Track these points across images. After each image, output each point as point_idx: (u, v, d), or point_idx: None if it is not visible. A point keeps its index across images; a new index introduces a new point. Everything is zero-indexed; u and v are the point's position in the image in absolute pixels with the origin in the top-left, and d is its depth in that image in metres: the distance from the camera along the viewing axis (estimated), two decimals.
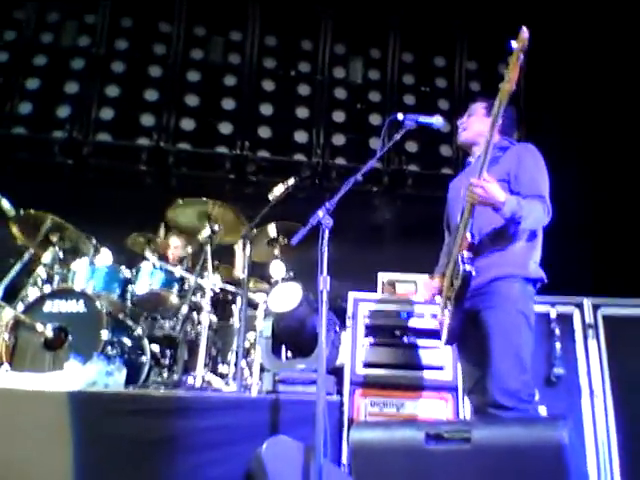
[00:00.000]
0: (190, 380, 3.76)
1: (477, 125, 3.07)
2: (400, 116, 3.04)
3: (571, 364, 3.67)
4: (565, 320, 3.76)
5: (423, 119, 3.05)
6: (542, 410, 3.29)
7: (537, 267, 2.87)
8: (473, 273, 2.61)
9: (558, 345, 3.65)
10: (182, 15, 6.59)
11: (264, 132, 6.37)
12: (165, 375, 4.14)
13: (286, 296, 3.75)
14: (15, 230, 4.39)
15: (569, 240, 5.18)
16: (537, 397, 2.95)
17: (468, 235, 2.70)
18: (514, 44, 2.48)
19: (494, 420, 2.47)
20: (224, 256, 4.61)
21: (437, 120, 3.06)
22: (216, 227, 4.26)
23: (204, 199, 4.23)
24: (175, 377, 3.91)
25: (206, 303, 3.99)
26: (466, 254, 2.68)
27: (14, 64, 6.17)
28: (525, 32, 2.47)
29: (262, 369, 3.87)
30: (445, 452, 2.04)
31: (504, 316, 2.72)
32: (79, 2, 6.36)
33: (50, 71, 6.22)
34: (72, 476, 2.84)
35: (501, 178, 2.83)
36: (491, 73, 6.65)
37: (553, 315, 3.73)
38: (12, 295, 4.11)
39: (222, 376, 4.07)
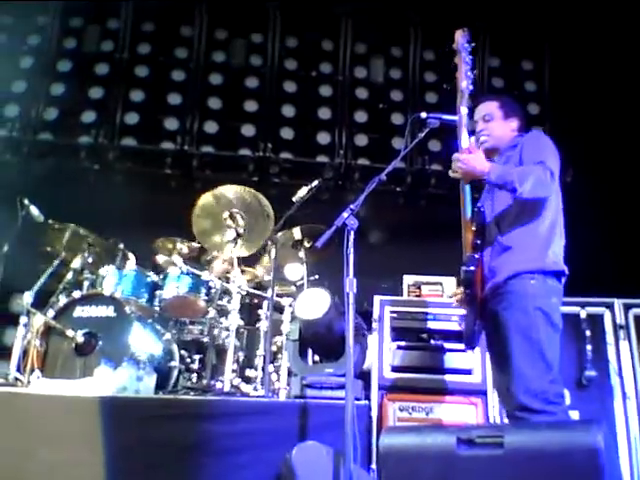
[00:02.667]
0: (219, 385, 3.78)
1: (498, 130, 3.00)
2: (423, 115, 3.02)
3: (602, 366, 3.61)
4: (596, 321, 3.70)
5: (447, 117, 3.01)
6: (573, 414, 3.26)
7: (557, 259, 2.75)
8: (472, 269, 2.62)
9: (589, 347, 3.60)
10: (203, 18, 6.63)
11: (286, 133, 6.40)
12: (194, 380, 4.17)
13: (313, 302, 3.75)
14: (44, 236, 4.44)
15: (599, 240, 5.12)
16: (568, 400, 2.92)
17: (470, 234, 2.69)
18: (453, 46, 2.86)
19: (526, 424, 2.43)
20: (249, 260, 4.63)
21: None
22: (241, 230, 4.27)
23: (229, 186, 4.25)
24: (204, 382, 3.94)
25: (233, 307, 4.01)
26: (469, 254, 2.68)
27: (39, 70, 6.26)
28: (458, 36, 2.86)
29: (290, 373, 3.89)
30: (477, 457, 2.03)
31: (521, 315, 2.64)
32: (101, 7, 6.40)
33: (75, 76, 6.30)
34: None
35: None
36: (514, 70, 6.60)
37: (583, 316, 3.68)
38: (43, 301, 4.17)
39: (250, 381, 4.09)
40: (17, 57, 6.24)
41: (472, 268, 2.67)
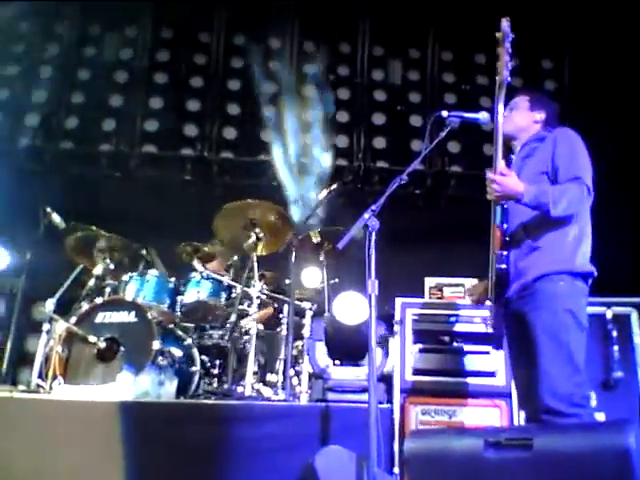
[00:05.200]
0: (240, 389, 3.78)
1: (518, 118, 2.99)
2: (444, 113, 2.97)
3: (630, 367, 3.53)
4: (622, 321, 3.62)
5: (469, 115, 2.98)
6: (600, 416, 3.20)
7: (585, 260, 2.73)
8: (504, 267, 2.59)
9: (615, 348, 3.52)
10: (221, 25, 6.66)
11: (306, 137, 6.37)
12: (215, 384, 4.17)
13: (352, 306, 3.75)
14: (66, 243, 4.47)
15: (624, 239, 5.03)
16: (594, 402, 2.86)
17: (499, 233, 2.65)
18: (497, 35, 2.75)
19: (555, 426, 2.38)
20: (269, 264, 4.62)
21: (483, 116, 2.96)
22: (261, 234, 4.27)
23: (249, 201, 4.24)
24: (225, 386, 3.93)
25: (253, 311, 4.00)
26: (499, 252, 2.64)
27: (58, 79, 6.33)
28: (504, 23, 2.75)
29: (311, 377, 3.87)
30: (505, 460, 1.98)
31: (550, 316, 2.60)
32: (119, 15, 6.46)
33: (94, 85, 6.35)
34: None
35: (539, 170, 2.78)
36: (534, 69, 6.53)
37: (609, 316, 3.61)
38: (65, 308, 4.20)
39: (271, 385, 4.08)
40: (37, 66, 6.31)
41: (504, 266, 2.64)
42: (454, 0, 6.48)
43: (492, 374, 3.62)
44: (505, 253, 2.67)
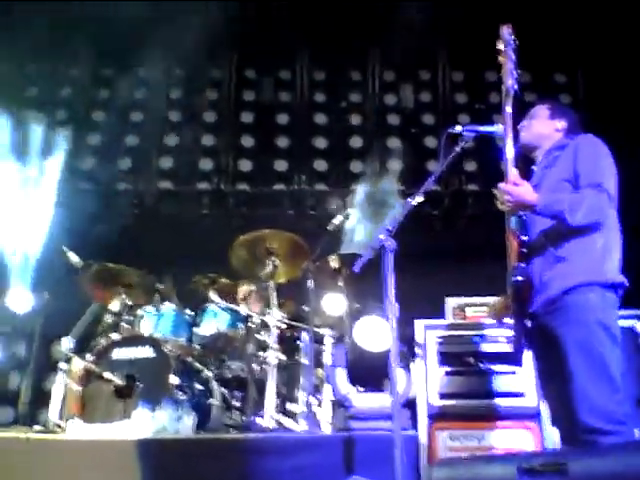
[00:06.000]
0: (259, 420, 3.68)
1: (539, 127, 2.92)
2: (459, 128, 2.92)
3: None
4: None
5: (484, 128, 2.92)
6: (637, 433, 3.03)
7: (615, 270, 2.59)
8: (520, 279, 2.52)
9: None
10: (233, 59, 6.75)
11: (320, 165, 6.40)
12: (235, 417, 4.07)
13: (374, 332, 3.67)
14: (83, 281, 4.47)
15: None
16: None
17: (516, 244, 2.56)
18: (498, 44, 2.78)
19: (591, 449, 2.24)
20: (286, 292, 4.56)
21: (498, 128, 2.90)
22: (277, 262, 4.22)
23: (266, 231, 4.21)
24: (245, 418, 3.84)
25: (272, 341, 3.93)
26: (517, 264, 2.55)
27: (73, 120, 6.44)
28: (504, 30, 2.79)
29: (333, 405, 3.77)
30: None
31: (582, 331, 2.48)
32: (130, 55, 6.57)
33: (110, 125, 6.45)
34: None
35: (561, 178, 2.68)
36: (544, 83, 6.49)
37: (639, 329, 3.46)
38: (83, 346, 4.17)
39: (292, 415, 3.97)
40: None
41: (520, 278, 2.54)
42: (463, 20, 6.47)
43: (521, 394, 3.48)
44: (523, 265, 2.57)
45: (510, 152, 2.70)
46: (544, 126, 2.91)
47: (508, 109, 2.73)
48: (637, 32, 5.80)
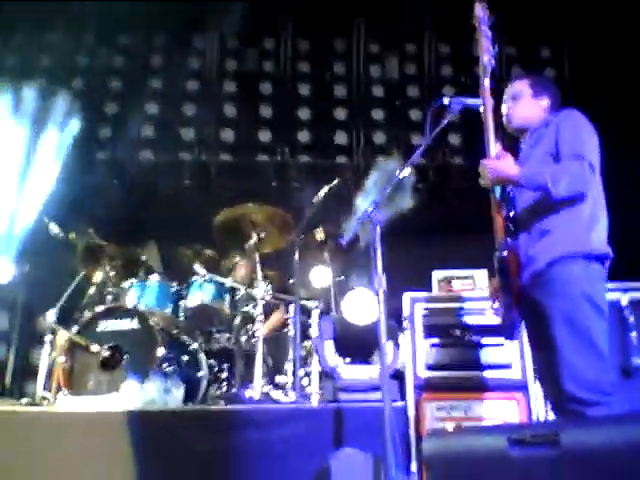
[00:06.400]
0: (248, 393, 3.69)
1: (525, 109, 2.89)
2: (446, 100, 2.90)
3: None
4: (639, 307, 3.52)
5: (471, 101, 2.89)
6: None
7: (600, 241, 2.60)
8: (505, 255, 2.53)
9: (633, 334, 3.41)
10: (215, 28, 6.61)
11: (303, 137, 6.33)
12: (224, 389, 4.08)
13: (361, 304, 3.67)
14: (65, 253, 4.40)
15: (633, 222, 4.94)
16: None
17: (500, 220, 2.58)
18: (473, 21, 2.79)
19: (582, 419, 2.27)
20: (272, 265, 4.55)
21: None
22: (262, 234, 4.19)
23: (249, 205, 4.16)
24: (233, 390, 3.85)
25: (258, 313, 3.92)
26: (502, 239, 2.56)
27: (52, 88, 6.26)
28: (477, 7, 2.80)
29: (321, 377, 3.78)
30: (531, 458, 1.87)
31: (567, 303, 2.49)
32: (111, 24, 6.40)
33: (89, 93, 6.30)
34: None
35: (544, 152, 2.69)
36: (529, 57, 6.48)
37: (624, 302, 3.49)
38: (67, 318, 4.12)
39: (280, 386, 3.99)
40: None
41: (505, 253, 2.55)
42: None
43: (507, 366, 3.51)
44: (509, 240, 2.58)
45: (491, 126, 2.70)
46: (530, 107, 2.88)
47: (486, 83, 2.74)
48: (622, 5, 5.79)
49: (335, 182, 4.26)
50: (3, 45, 6.29)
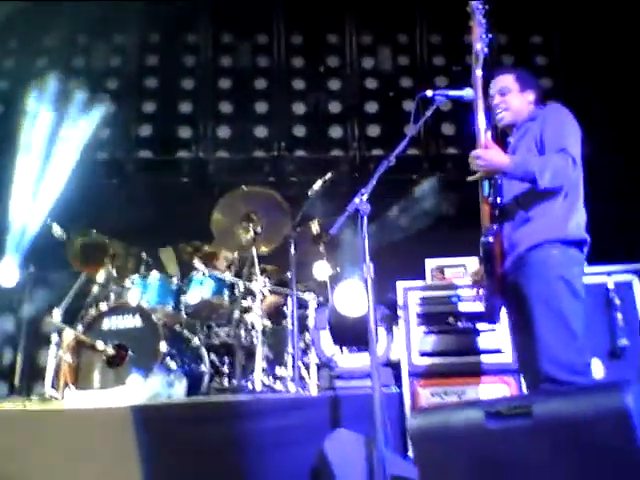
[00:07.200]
0: (249, 385, 3.80)
1: (515, 104, 2.95)
2: (429, 93, 2.97)
3: (634, 334, 3.51)
4: (624, 289, 3.60)
5: (454, 93, 2.97)
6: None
7: (577, 228, 2.70)
8: (491, 240, 2.60)
9: (619, 315, 3.51)
10: (208, 24, 6.67)
11: (299, 131, 6.40)
12: (225, 382, 4.19)
13: (353, 296, 3.75)
14: (68, 253, 4.50)
15: (622, 205, 5.01)
16: (602, 371, 2.85)
17: (487, 207, 2.66)
18: (467, 8, 2.85)
19: (554, 392, 2.34)
20: (270, 258, 4.63)
21: (467, 92, 2.94)
22: (258, 228, 4.28)
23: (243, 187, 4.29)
24: (235, 383, 3.95)
25: (257, 307, 4.02)
26: (488, 225, 2.65)
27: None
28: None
29: (319, 367, 3.89)
30: (506, 429, 1.98)
31: (543, 285, 2.59)
32: (107, 23, 6.47)
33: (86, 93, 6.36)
34: None
35: (530, 146, 2.78)
36: (520, 45, 6.51)
37: (610, 285, 3.59)
38: (72, 317, 4.23)
39: (280, 378, 4.10)
40: None
41: (490, 239, 2.63)
42: None
43: (499, 351, 3.62)
44: (495, 227, 2.67)
45: (481, 116, 2.77)
46: (518, 102, 2.94)
47: (478, 73, 2.80)
48: None
49: (329, 175, 4.31)
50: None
